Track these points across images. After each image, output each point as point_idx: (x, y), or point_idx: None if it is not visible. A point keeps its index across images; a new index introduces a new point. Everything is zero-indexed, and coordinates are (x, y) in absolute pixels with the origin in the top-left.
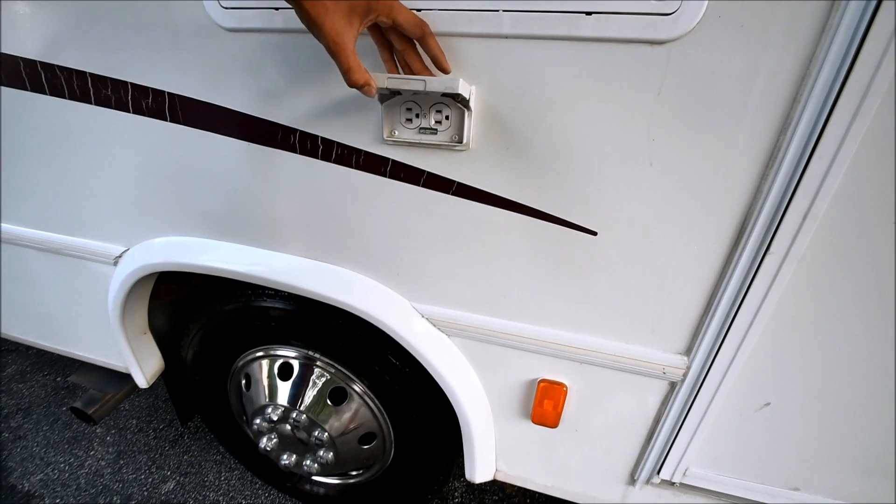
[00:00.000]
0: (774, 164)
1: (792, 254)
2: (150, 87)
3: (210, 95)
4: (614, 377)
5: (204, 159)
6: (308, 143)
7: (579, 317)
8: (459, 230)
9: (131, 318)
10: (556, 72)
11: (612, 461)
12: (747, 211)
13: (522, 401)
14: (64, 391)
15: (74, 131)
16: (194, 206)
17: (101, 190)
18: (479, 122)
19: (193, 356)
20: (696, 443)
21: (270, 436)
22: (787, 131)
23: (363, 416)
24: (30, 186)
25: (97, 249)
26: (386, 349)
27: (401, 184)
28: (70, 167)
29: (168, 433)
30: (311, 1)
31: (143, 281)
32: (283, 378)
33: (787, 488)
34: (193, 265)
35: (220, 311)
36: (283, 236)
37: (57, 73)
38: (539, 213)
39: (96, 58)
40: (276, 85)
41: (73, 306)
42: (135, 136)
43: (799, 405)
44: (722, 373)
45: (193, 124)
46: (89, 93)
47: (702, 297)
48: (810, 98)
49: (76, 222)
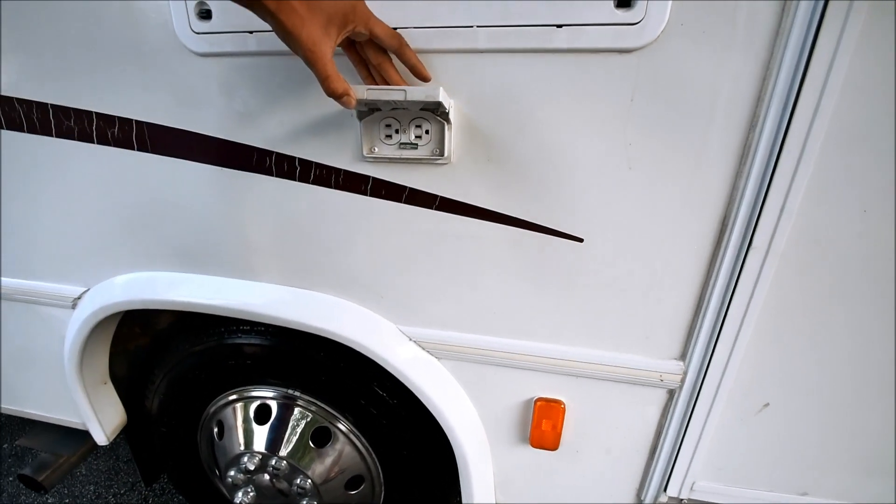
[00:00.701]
0: (747, 162)
1: (773, 249)
2: (117, 116)
3: (181, 121)
4: (612, 390)
5: (173, 188)
6: (285, 165)
7: (572, 328)
8: (444, 246)
9: (90, 367)
10: (532, 83)
11: (616, 482)
12: (726, 208)
13: (520, 424)
14: (11, 459)
15: (31, 165)
16: (162, 238)
17: (59, 227)
18: (459, 135)
19: (159, 405)
20: (701, 454)
21: (247, 489)
22: (754, 130)
23: (349, 457)
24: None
25: (53, 292)
26: (371, 380)
27: (382, 201)
28: (25, 204)
29: (130, 498)
30: (287, 12)
31: (105, 324)
32: (260, 422)
33: (795, 493)
34: (161, 301)
35: (190, 352)
36: (259, 264)
37: (15, 105)
38: (524, 223)
39: (59, 88)
40: (250, 107)
41: (22, 358)
42: (98, 168)
43: (797, 403)
44: (719, 375)
45: (163, 152)
46: (50, 125)
47: (691, 297)
48: (773, 98)
49: (29, 263)
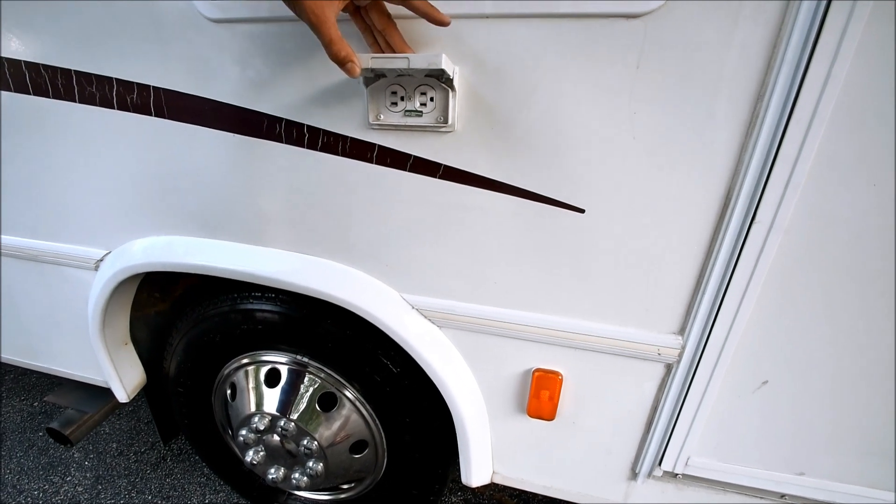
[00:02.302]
0: (753, 132)
1: (777, 223)
2: (135, 82)
3: (196, 88)
4: (609, 362)
5: (189, 154)
6: (294, 132)
7: (572, 300)
8: (447, 215)
9: (112, 328)
10: (537, 50)
11: (611, 455)
12: (731, 180)
13: (517, 394)
14: (41, 416)
15: (55, 131)
16: (179, 203)
17: (82, 191)
18: (463, 102)
19: (176, 367)
20: (696, 429)
21: (257, 448)
22: (762, 99)
23: (354, 423)
24: (5, 190)
25: (77, 254)
26: (376, 349)
27: (388, 169)
28: (50, 168)
29: (150, 456)
30: None
31: (125, 287)
32: (271, 385)
33: (792, 473)
34: (178, 264)
35: (204, 316)
36: (269, 230)
37: (41, 72)
38: (526, 193)
39: (80, 55)
40: (262, 74)
41: (49, 317)
42: (118, 134)
43: (797, 382)
44: (717, 351)
45: (179, 118)
46: (73, 90)
47: (692, 271)
48: (782, 66)
49: (55, 226)
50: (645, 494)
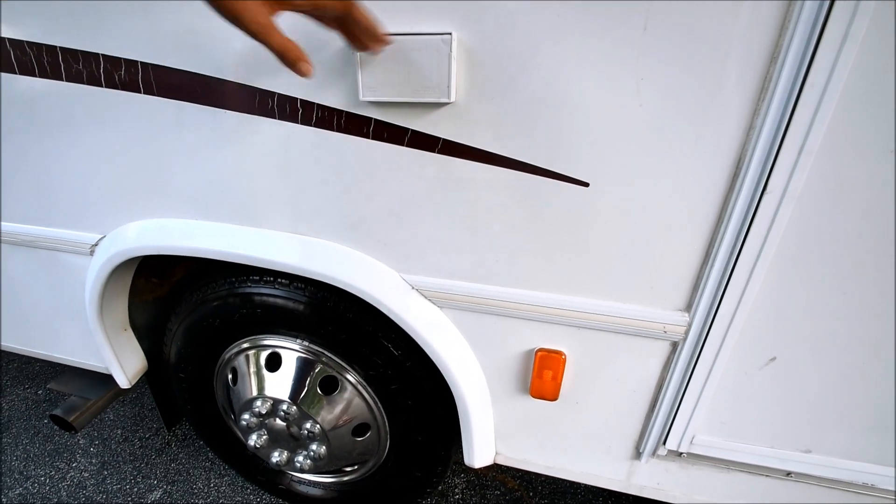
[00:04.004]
0: (766, 96)
1: (790, 192)
2: (123, 58)
3: (184, 62)
4: (613, 341)
5: (180, 133)
6: (287, 107)
7: (575, 277)
8: (446, 191)
9: (110, 313)
10: (537, 13)
11: (615, 434)
12: (742, 148)
13: (520, 374)
14: (45, 403)
15: (41, 112)
16: (171, 184)
17: (73, 174)
18: (461, 72)
19: (177, 352)
20: (702, 407)
21: (260, 432)
22: (776, 61)
23: (356, 406)
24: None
25: (71, 238)
26: (377, 331)
27: (385, 144)
28: (40, 151)
29: (154, 442)
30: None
31: (122, 272)
32: (271, 369)
33: (798, 451)
34: (172, 247)
35: (203, 300)
36: (263, 211)
37: (26, 49)
38: (527, 167)
39: (65, 30)
40: (252, 47)
41: (47, 304)
42: (106, 113)
43: (806, 358)
44: (724, 328)
45: (168, 95)
46: (60, 68)
47: (700, 245)
48: (798, 25)
49: (47, 211)
50: (648, 473)
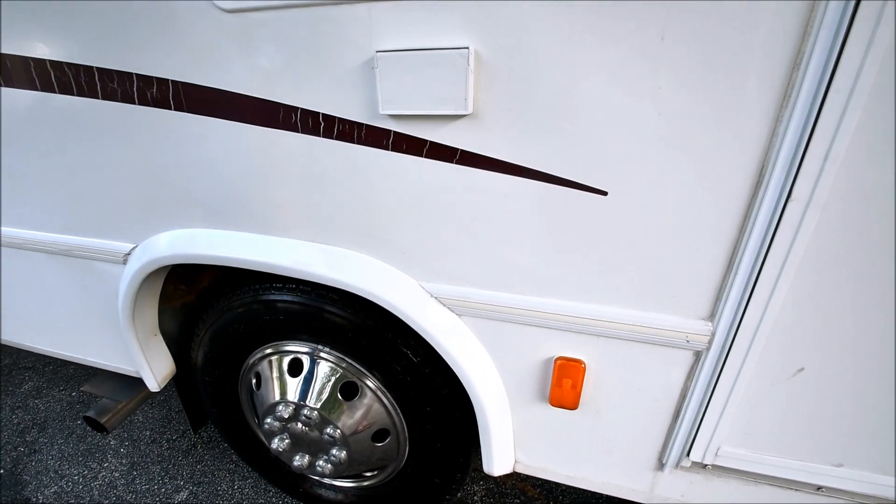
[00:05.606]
0: (789, 103)
1: (815, 200)
2: (154, 77)
3: (212, 79)
4: (634, 350)
5: (208, 147)
6: (309, 121)
7: (594, 286)
8: (464, 201)
9: (141, 319)
10: (554, 23)
11: (637, 444)
12: (764, 155)
13: (539, 382)
14: (79, 405)
15: (78, 129)
16: (200, 196)
17: (107, 187)
18: (479, 84)
19: (204, 357)
20: (727, 418)
21: (282, 436)
22: (799, 67)
23: (375, 412)
24: (36, 188)
25: (106, 248)
26: (396, 337)
27: (403, 156)
28: (76, 166)
29: (181, 443)
30: None
31: (153, 280)
32: (294, 374)
33: (829, 465)
34: (200, 256)
35: (228, 307)
36: (287, 221)
37: (65, 70)
38: (544, 176)
39: (101, 52)
40: (276, 63)
41: (83, 310)
42: (139, 129)
43: (836, 369)
44: (750, 337)
45: (197, 111)
46: (96, 87)
47: (723, 253)
48: (821, 29)
49: (83, 222)
50: (672, 485)
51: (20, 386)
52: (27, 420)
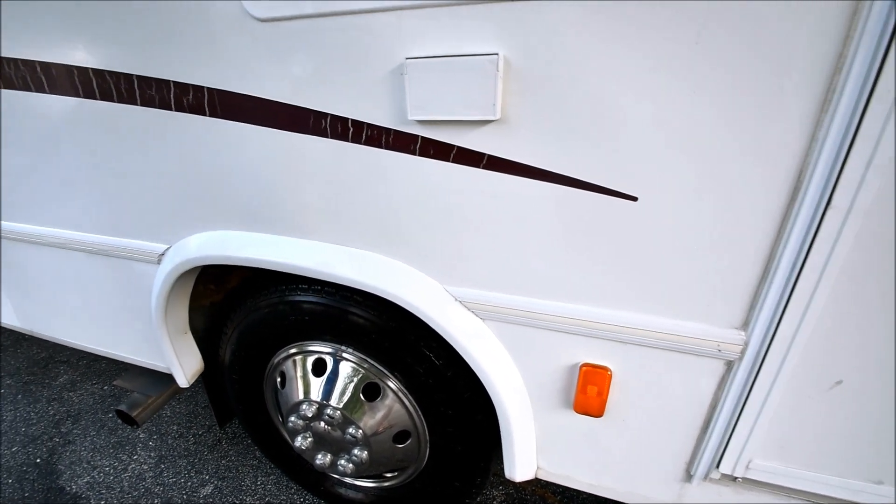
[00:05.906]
0: (829, 108)
1: (856, 208)
2: (191, 84)
3: (246, 87)
4: (663, 358)
5: (240, 152)
6: (338, 127)
7: (622, 292)
8: (491, 206)
9: (173, 317)
10: (584, 27)
11: (664, 454)
12: (803, 162)
13: (564, 388)
14: (111, 399)
15: (117, 134)
16: (232, 199)
17: (145, 190)
18: (507, 89)
19: (231, 355)
20: (759, 431)
21: (305, 434)
22: (841, 70)
23: (397, 413)
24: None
25: (142, 249)
26: (419, 340)
27: (431, 161)
28: (115, 170)
29: (207, 438)
30: None
31: (184, 279)
32: (317, 374)
33: (868, 482)
34: (230, 257)
35: (255, 307)
36: (315, 224)
37: (106, 77)
38: (573, 181)
39: (139, 60)
40: (306, 71)
41: (118, 308)
42: (175, 134)
43: (876, 382)
44: (785, 348)
45: (230, 117)
46: (135, 94)
47: (758, 261)
48: (864, 31)
49: (120, 223)
50: (700, 497)
51: (56, 379)
52: (62, 412)
